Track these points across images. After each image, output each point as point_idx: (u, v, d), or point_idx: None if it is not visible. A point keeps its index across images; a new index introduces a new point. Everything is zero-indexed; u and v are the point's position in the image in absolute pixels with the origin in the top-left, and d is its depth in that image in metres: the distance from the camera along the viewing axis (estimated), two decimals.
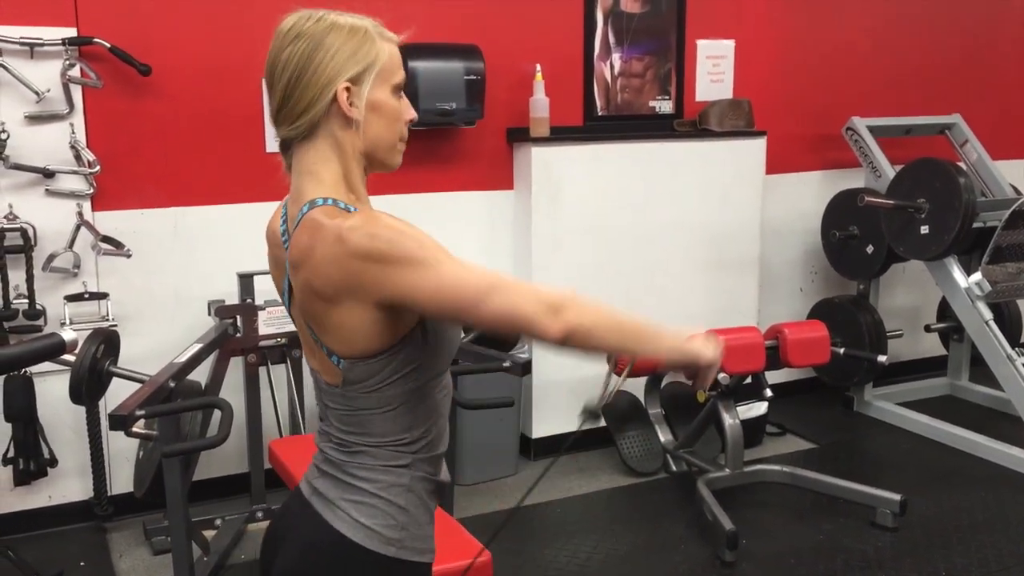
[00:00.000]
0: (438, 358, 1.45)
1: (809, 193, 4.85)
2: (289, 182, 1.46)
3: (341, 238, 1.30)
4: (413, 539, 1.46)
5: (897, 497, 3.48)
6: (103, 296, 3.46)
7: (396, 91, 1.43)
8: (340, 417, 1.45)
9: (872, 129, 4.62)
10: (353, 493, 1.44)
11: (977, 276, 4.13)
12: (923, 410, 4.58)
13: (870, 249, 4.51)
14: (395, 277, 1.29)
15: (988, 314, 4.13)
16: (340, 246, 1.30)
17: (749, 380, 3.77)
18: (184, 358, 2.92)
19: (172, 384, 2.73)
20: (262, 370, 3.54)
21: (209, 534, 3.39)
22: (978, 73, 5.20)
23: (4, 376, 3.29)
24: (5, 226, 3.28)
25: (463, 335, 3.17)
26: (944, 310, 4.79)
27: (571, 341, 1.31)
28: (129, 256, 3.44)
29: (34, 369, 3.25)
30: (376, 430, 1.43)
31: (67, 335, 1.79)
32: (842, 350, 4.09)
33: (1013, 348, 4.12)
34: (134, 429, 2.47)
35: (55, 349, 1.78)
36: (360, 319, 1.34)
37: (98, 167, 3.37)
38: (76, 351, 2.23)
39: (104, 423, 3.41)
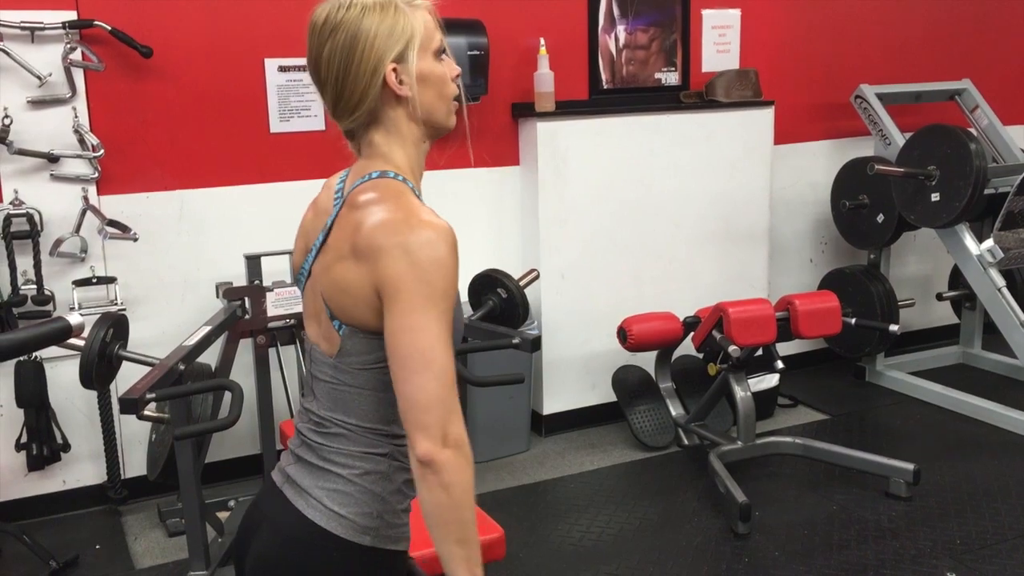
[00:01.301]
0: None
1: (818, 163, 4.81)
2: (356, 159, 1.48)
3: (411, 225, 1.32)
4: (388, 527, 1.44)
5: (910, 467, 3.47)
6: (111, 280, 3.46)
7: (437, 55, 1.44)
8: (326, 392, 1.44)
9: (881, 96, 4.57)
10: (327, 480, 1.42)
11: (989, 243, 4.09)
12: (936, 379, 4.56)
13: (880, 218, 4.47)
14: (402, 284, 1.30)
15: (1000, 281, 4.10)
16: (405, 228, 1.32)
17: (760, 352, 3.75)
18: (193, 341, 2.91)
19: (182, 367, 2.72)
20: (271, 351, 3.53)
21: (223, 515, 3.39)
22: (988, 37, 5.13)
23: (15, 362, 3.30)
24: (11, 212, 3.28)
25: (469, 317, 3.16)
26: (956, 278, 4.76)
27: (428, 473, 1.29)
28: (136, 240, 3.43)
29: (45, 355, 3.25)
30: (359, 411, 1.42)
31: (73, 319, 1.78)
32: (853, 320, 4.07)
33: None
34: (145, 412, 2.46)
35: (61, 333, 1.77)
36: (367, 289, 1.34)
37: (102, 151, 3.36)
38: (84, 335, 2.22)
39: (115, 407, 3.42)
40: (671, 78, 4.36)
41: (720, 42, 4.44)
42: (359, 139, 1.45)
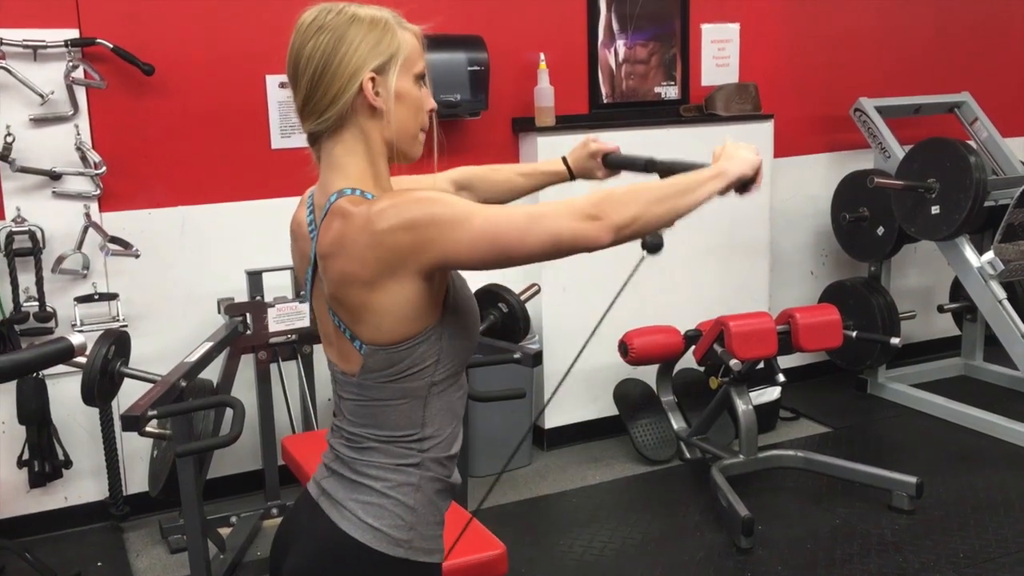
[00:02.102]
0: (457, 355, 1.45)
1: (818, 176, 4.82)
2: (318, 174, 1.47)
3: (371, 220, 1.32)
4: (422, 539, 1.46)
5: (913, 480, 3.47)
6: (113, 297, 3.46)
7: (418, 80, 1.44)
8: (353, 409, 1.45)
9: (880, 109, 4.58)
10: (361, 493, 1.44)
11: (989, 255, 4.09)
12: (938, 391, 4.56)
13: (881, 231, 4.48)
14: (432, 239, 1.31)
15: (1001, 293, 4.10)
16: (371, 228, 1.32)
17: (761, 365, 3.75)
18: (195, 357, 2.91)
19: (183, 383, 2.73)
20: (273, 367, 3.54)
21: (225, 531, 3.40)
22: (987, 50, 5.15)
23: (17, 379, 3.30)
24: (14, 229, 3.29)
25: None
26: (957, 290, 4.76)
27: (622, 237, 1.35)
28: (138, 256, 3.44)
29: (47, 372, 3.26)
30: (388, 423, 1.43)
31: (75, 339, 1.79)
32: (854, 333, 4.07)
33: None
34: (147, 429, 2.47)
35: (63, 354, 1.78)
36: (398, 299, 1.34)
37: (104, 168, 3.37)
38: (86, 354, 2.22)
39: (117, 423, 3.42)
40: (671, 92, 4.38)
41: (719, 56, 4.46)
42: (320, 145, 1.44)
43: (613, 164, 1.86)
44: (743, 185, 1.54)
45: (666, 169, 1.63)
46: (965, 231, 4.16)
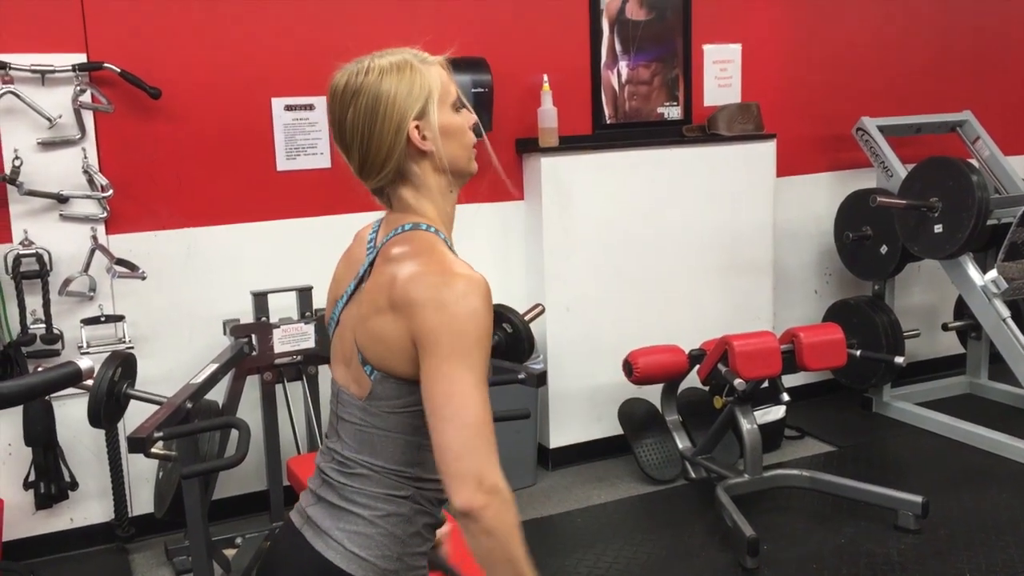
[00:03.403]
0: None
1: (821, 195, 4.83)
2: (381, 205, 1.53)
3: (446, 279, 1.35)
4: (408, 570, 1.45)
5: (919, 499, 3.46)
6: (119, 319, 3.48)
7: (455, 107, 1.47)
8: (353, 433, 1.46)
9: (882, 129, 4.60)
10: (348, 521, 1.43)
11: (993, 274, 4.10)
12: (943, 409, 4.55)
13: (884, 249, 4.49)
14: (438, 337, 1.32)
15: (1005, 311, 4.10)
16: (440, 281, 1.34)
17: (766, 384, 3.76)
18: (200, 378, 2.93)
19: (189, 405, 2.74)
20: (278, 388, 3.55)
21: (230, 553, 3.40)
22: (988, 69, 5.17)
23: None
24: (21, 252, 3.31)
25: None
26: (961, 308, 4.76)
27: (471, 523, 1.30)
28: (144, 278, 3.46)
29: (53, 394, 3.27)
30: (385, 453, 1.43)
31: (83, 363, 1.80)
32: (859, 352, 4.07)
33: None
34: (153, 450, 2.48)
35: (71, 378, 1.79)
36: (403, 340, 1.37)
37: (111, 191, 3.40)
38: (93, 377, 2.24)
39: (123, 445, 3.43)
40: (673, 112, 4.40)
41: (721, 76, 4.49)
42: (388, 195, 1.49)
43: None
44: None
45: None
46: (968, 250, 4.16)
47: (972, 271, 4.19)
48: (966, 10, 5.08)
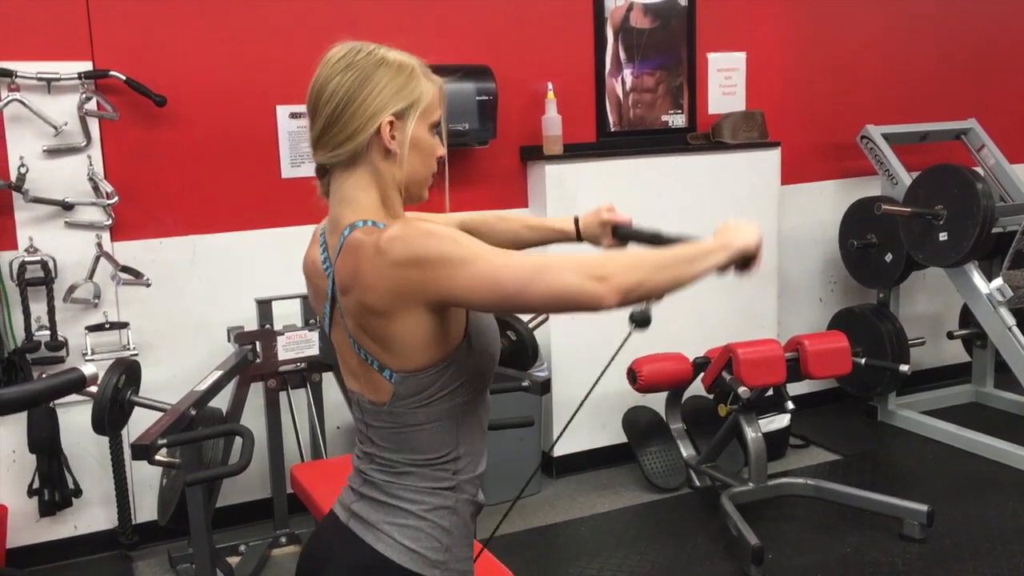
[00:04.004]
0: (483, 372, 1.48)
1: (826, 202, 4.83)
2: (325, 205, 1.50)
3: (380, 249, 1.34)
4: (456, 560, 1.48)
5: (924, 508, 3.45)
6: (124, 325, 3.48)
7: (433, 129, 1.48)
8: (386, 436, 1.46)
9: (887, 136, 4.60)
10: (397, 516, 1.45)
11: (998, 282, 4.09)
12: (948, 418, 4.54)
13: (889, 257, 4.48)
14: (438, 278, 1.32)
15: (1011, 320, 4.09)
16: (381, 257, 1.34)
17: (770, 392, 3.75)
18: (205, 385, 2.93)
19: (193, 412, 2.74)
20: (282, 395, 3.55)
21: (233, 560, 3.40)
22: (993, 77, 5.17)
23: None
24: (26, 259, 3.32)
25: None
26: (966, 316, 4.75)
27: (627, 300, 1.33)
28: (148, 285, 3.47)
29: (57, 401, 3.27)
30: (423, 446, 1.44)
31: (87, 369, 1.80)
32: (863, 360, 4.06)
33: None
34: (157, 458, 2.48)
35: (75, 384, 1.79)
36: (414, 328, 1.36)
37: (116, 198, 3.40)
38: (97, 383, 2.24)
39: (127, 452, 3.43)
40: (678, 120, 4.41)
41: (726, 84, 4.49)
42: (329, 178, 1.47)
43: (622, 236, 1.89)
44: (744, 262, 1.56)
45: (672, 244, 1.65)
46: (973, 258, 4.15)
47: (977, 279, 4.18)
48: (970, 18, 5.08)
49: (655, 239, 1.78)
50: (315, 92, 1.44)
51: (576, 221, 1.94)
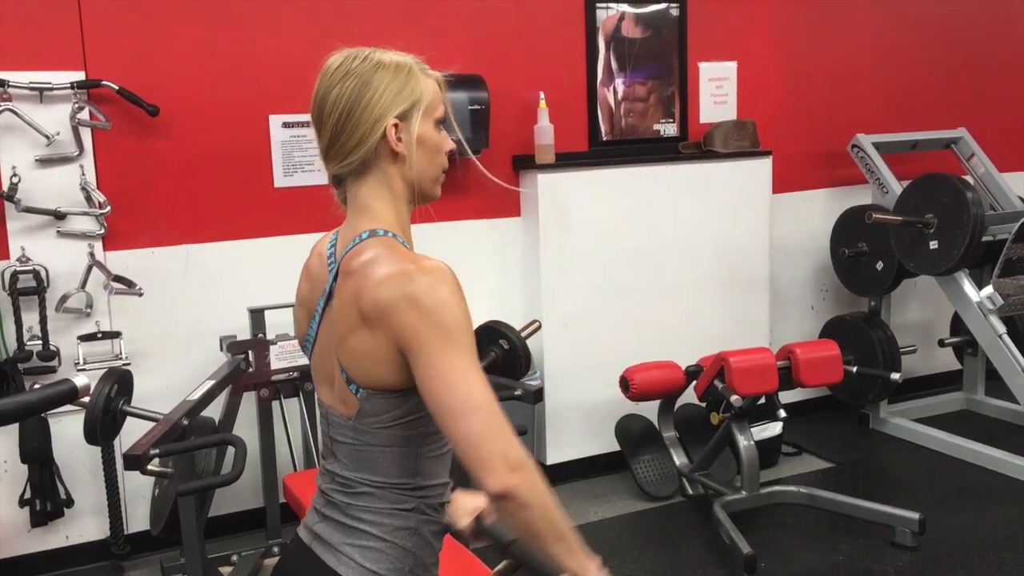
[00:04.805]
0: None
1: (817, 211, 4.85)
2: (343, 213, 1.50)
3: (409, 276, 1.34)
4: None
5: (916, 516, 3.46)
6: (116, 335, 3.48)
7: (438, 125, 1.48)
8: (348, 453, 1.45)
9: (877, 145, 4.62)
10: (357, 537, 1.44)
11: (988, 290, 4.11)
12: (940, 426, 4.55)
13: (880, 265, 4.50)
14: (419, 337, 1.32)
15: (1001, 328, 4.11)
16: (404, 280, 1.33)
17: (763, 401, 3.76)
18: (197, 395, 2.93)
19: (186, 422, 2.74)
20: (275, 404, 3.55)
21: (226, 570, 3.39)
22: (983, 86, 5.20)
23: None
24: (18, 268, 3.32)
25: None
26: (957, 324, 4.77)
27: (507, 502, 1.31)
28: (141, 295, 3.46)
29: (49, 412, 3.26)
30: (383, 469, 1.43)
31: (79, 381, 1.80)
32: (855, 368, 4.08)
33: None
34: (149, 467, 2.48)
35: (67, 396, 1.79)
36: (384, 349, 1.36)
37: (108, 207, 3.40)
38: (89, 394, 2.24)
39: (119, 462, 3.42)
40: (669, 129, 4.42)
41: (717, 94, 4.51)
42: (346, 187, 1.47)
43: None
44: None
45: (521, 555, 1.54)
46: (964, 266, 4.17)
47: (968, 287, 4.20)
48: (961, 28, 5.11)
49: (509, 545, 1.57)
50: (317, 104, 1.45)
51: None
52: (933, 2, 5.03)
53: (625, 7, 4.24)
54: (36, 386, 3.11)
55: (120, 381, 2.67)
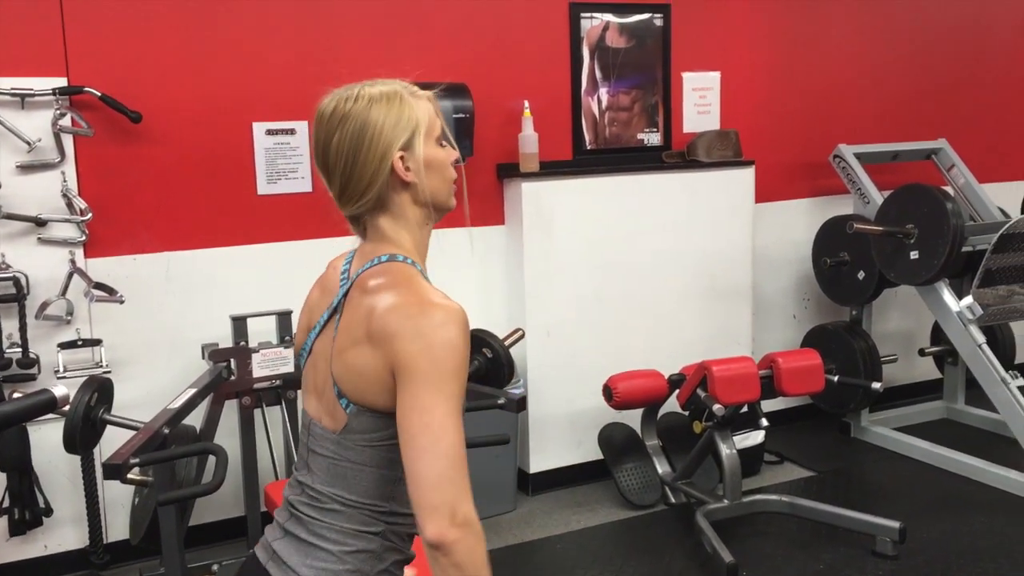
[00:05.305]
0: None
1: (799, 221, 4.88)
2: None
3: (424, 308, 1.35)
4: None
5: (896, 525, 3.47)
6: (96, 343, 3.46)
7: (439, 141, 1.49)
8: (326, 467, 1.44)
9: (859, 156, 4.65)
10: (316, 558, 1.42)
11: (968, 300, 4.14)
12: (920, 434, 4.58)
13: (861, 275, 4.53)
14: (416, 365, 1.32)
15: (981, 337, 4.14)
16: (418, 311, 1.35)
17: (745, 409, 3.77)
18: (178, 403, 2.91)
19: (166, 430, 2.72)
20: (257, 413, 3.53)
21: None
22: (963, 98, 5.25)
23: None
24: None
25: None
26: (938, 334, 4.80)
27: (440, 555, 1.29)
28: (122, 302, 3.44)
29: (27, 422, 3.23)
30: (358, 487, 1.42)
31: (58, 391, 1.79)
32: (836, 377, 4.10)
33: (1007, 371, 4.12)
34: (129, 476, 2.46)
35: (46, 406, 1.78)
36: (380, 369, 1.36)
37: (90, 214, 3.38)
38: (69, 403, 2.22)
39: (99, 471, 3.39)
40: (653, 139, 4.44)
41: (701, 104, 4.53)
42: (364, 223, 1.49)
43: None
44: None
45: None
46: (944, 276, 4.21)
47: (948, 297, 4.23)
48: (942, 40, 5.16)
49: None
50: (321, 153, 1.46)
51: None
52: (915, 14, 5.07)
53: (609, 17, 4.25)
54: (16, 395, 3.08)
55: (100, 389, 2.65)
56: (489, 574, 1.34)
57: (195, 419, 3.23)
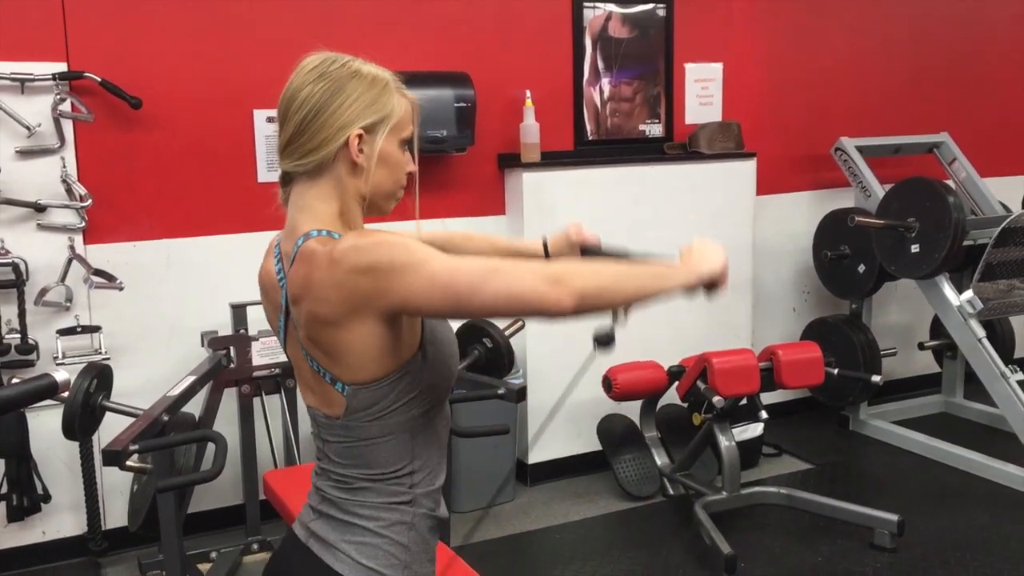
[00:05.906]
0: (439, 384, 1.46)
1: (800, 213, 4.87)
2: (284, 214, 1.48)
3: (334, 260, 1.33)
4: None
5: (894, 517, 3.48)
6: (96, 329, 3.45)
7: (403, 144, 1.47)
8: (340, 451, 1.45)
9: (861, 149, 4.64)
10: (354, 533, 1.44)
11: (969, 294, 4.14)
12: (919, 428, 4.58)
13: (862, 268, 4.52)
14: (391, 284, 1.30)
15: (981, 332, 4.14)
16: (335, 267, 1.32)
17: (744, 402, 3.77)
18: (178, 391, 2.91)
19: (166, 418, 2.72)
20: (256, 401, 3.52)
21: (204, 567, 3.37)
22: (965, 92, 5.24)
23: None
24: None
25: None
26: (937, 327, 4.80)
27: (584, 306, 1.29)
28: (122, 289, 3.43)
29: (27, 407, 3.23)
30: (377, 461, 1.43)
31: (59, 375, 1.78)
32: (836, 370, 4.10)
33: (1007, 365, 4.12)
34: (128, 463, 2.45)
35: (47, 390, 1.77)
36: (366, 339, 1.35)
37: (90, 201, 3.37)
38: (68, 389, 2.22)
39: (98, 457, 3.39)
40: (655, 130, 4.43)
41: (703, 95, 4.52)
42: (292, 187, 1.46)
43: (590, 255, 1.85)
44: (711, 285, 1.53)
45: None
46: (944, 270, 4.20)
47: (948, 291, 4.23)
48: (944, 33, 5.15)
49: (624, 259, 1.75)
50: (286, 99, 1.43)
51: (545, 242, 1.90)
52: (917, 7, 5.06)
53: (612, 7, 4.24)
54: (15, 380, 3.07)
55: (100, 376, 2.65)
56: (607, 270, 1.35)
57: (194, 407, 3.22)
